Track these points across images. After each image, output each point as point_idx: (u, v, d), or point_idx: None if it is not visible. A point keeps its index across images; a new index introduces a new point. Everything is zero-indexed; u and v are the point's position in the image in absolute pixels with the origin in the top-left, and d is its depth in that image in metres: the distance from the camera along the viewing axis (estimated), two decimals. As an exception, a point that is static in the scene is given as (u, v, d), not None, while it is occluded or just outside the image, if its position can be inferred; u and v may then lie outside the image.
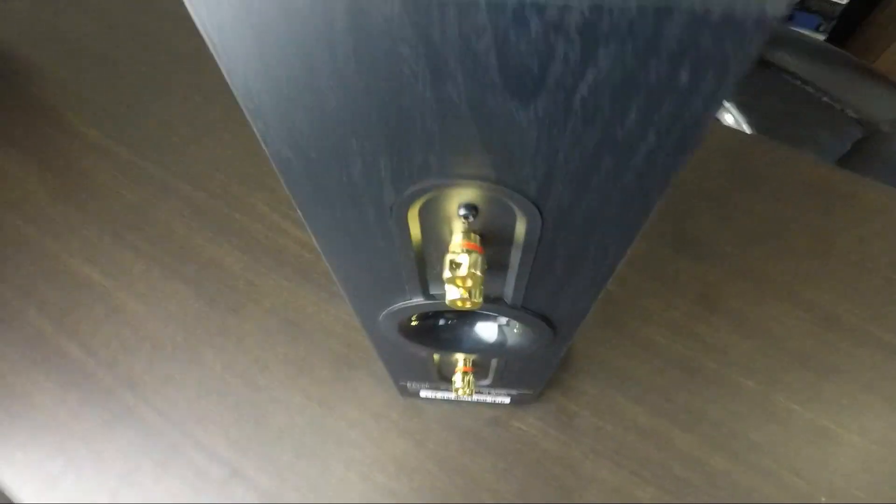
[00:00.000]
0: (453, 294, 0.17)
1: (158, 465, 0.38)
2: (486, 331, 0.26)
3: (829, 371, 0.41)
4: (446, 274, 0.16)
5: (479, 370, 0.32)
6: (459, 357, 0.29)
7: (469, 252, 0.16)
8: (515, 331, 0.25)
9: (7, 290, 0.46)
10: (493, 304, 0.21)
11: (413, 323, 0.24)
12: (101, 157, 0.54)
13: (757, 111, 0.87)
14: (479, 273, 0.16)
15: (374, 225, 0.16)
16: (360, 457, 0.38)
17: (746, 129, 0.67)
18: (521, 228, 0.16)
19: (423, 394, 0.38)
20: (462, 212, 0.16)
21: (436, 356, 0.30)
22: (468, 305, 0.17)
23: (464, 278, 0.16)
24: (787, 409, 0.39)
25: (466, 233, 0.16)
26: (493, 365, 0.31)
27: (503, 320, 0.25)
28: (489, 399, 0.38)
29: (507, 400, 0.38)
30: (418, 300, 0.21)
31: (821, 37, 1.14)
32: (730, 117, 0.67)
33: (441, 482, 0.37)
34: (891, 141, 0.82)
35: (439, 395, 0.38)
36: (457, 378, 0.28)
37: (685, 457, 0.38)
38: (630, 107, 0.11)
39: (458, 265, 0.16)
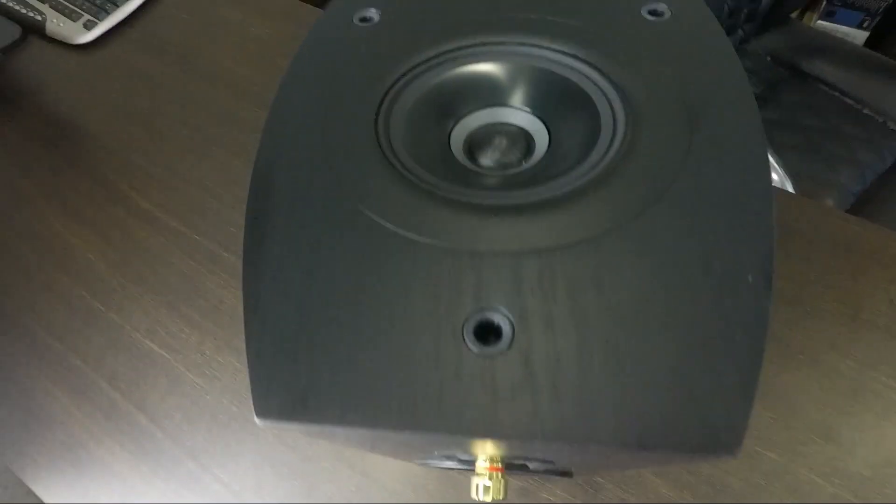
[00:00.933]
0: (485, 499, 0.19)
1: (224, 533, 0.43)
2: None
3: (854, 444, 0.42)
4: (474, 495, 0.19)
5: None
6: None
7: (492, 476, 0.18)
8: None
9: (82, 363, 0.51)
10: (515, 471, 0.23)
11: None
12: (152, 227, 0.58)
13: (793, 129, 0.85)
14: (502, 492, 0.18)
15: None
16: (401, 527, 0.42)
17: (790, 188, 0.66)
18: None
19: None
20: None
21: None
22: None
23: (488, 490, 0.19)
24: (810, 481, 0.41)
25: (492, 458, 0.19)
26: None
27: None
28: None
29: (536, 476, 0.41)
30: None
31: (864, 33, 1.08)
32: (775, 175, 0.66)
33: (476, 553, 0.41)
34: (936, 156, 0.79)
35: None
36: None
37: (706, 530, 0.40)
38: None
39: (487, 488, 0.18)
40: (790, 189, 0.67)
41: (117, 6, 0.75)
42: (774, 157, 0.68)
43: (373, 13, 0.23)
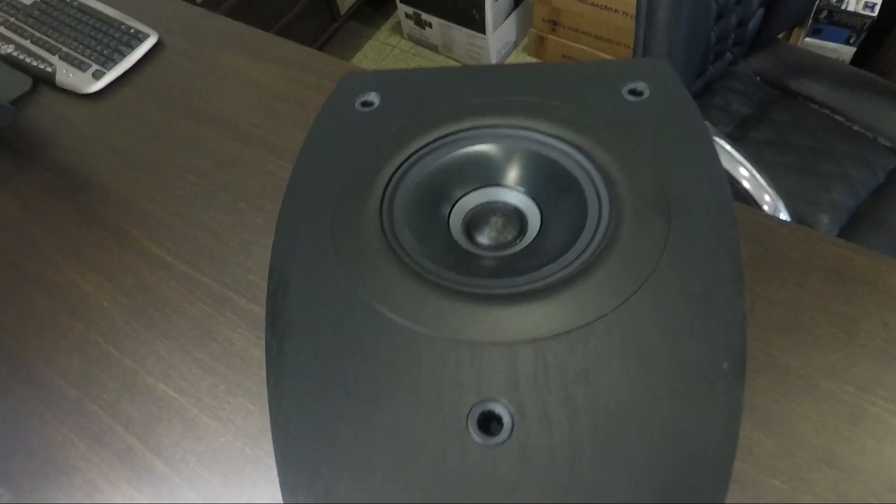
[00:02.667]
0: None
1: (241, 577, 0.44)
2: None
3: (856, 469, 0.42)
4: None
5: None
6: None
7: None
8: None
9: (97, 407, 0.53)
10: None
11: None
12: (163, 273, 0.60)
13: (785, 148, 0.86)
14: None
15: None
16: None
17: (783, 210, 0.67)
18: None
19: None
20: None
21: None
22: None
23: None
24: (813, 509, 0.42)
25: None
26: None
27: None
28: None
29: None
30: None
31: (851, 49, 1.10)
32: (767, 197, 0.67)
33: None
34: (927, 171, 0.80)
35: None
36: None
37: (715, 561, 0.40)
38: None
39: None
40: (783, 211, 0.68)
41: (124, 55, 0.77)
42: (767, 180, 0.69)
43: (373, 97, 0.24)
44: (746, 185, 0.73)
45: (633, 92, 0.23)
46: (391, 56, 2.09)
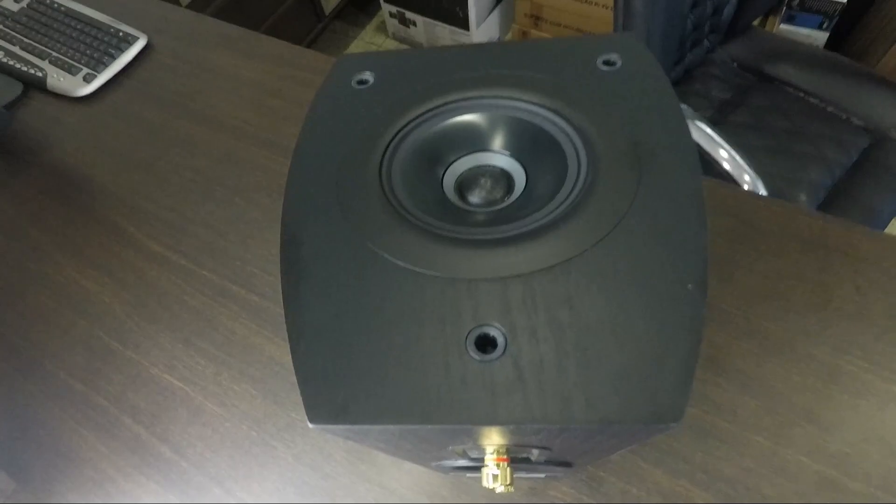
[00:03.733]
0: (495, 488, 0.22)
1: (252, 553, 0.45)
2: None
3: (833, 423, 0.45)
4: (486, 483, 0.22)
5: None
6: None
7: (499, 465, 0.22)
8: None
9: (105, 401, 0.54)
10: (521, 463, 0.26)
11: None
12: (163, 268, 0.61)
13: (763, 131, 0.89)
14: (509, 479, 0.22)
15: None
16: (419, 534, 0.44)
17: (762, 188, 0.70)
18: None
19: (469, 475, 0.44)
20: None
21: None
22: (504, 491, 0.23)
23: (497, 477, 0.22)
24: (795, 462, 0.44)
25: (497, 450, 0.22)
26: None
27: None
28: (525, 475, 0.44)
29: (542, 476, 0.44)
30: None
31: (824, 34, 1.14)
32: (747, 177, 0.70)
33: (491, 553, 0.43)
34: (898, 148, 0.83)
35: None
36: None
37: (704, 514, 0.43)
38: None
39: (496, 476, 0.22)
40: (762, 189, 0.71)
41: (114, 58, 0.78)
42: (746, 160, 0.72)
43: (368, 76, 0.26)
44: (726, 166, 0.75)
45: (606, 63, 0.25)
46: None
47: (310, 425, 0.15)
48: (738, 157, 0.73)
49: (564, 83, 0.24)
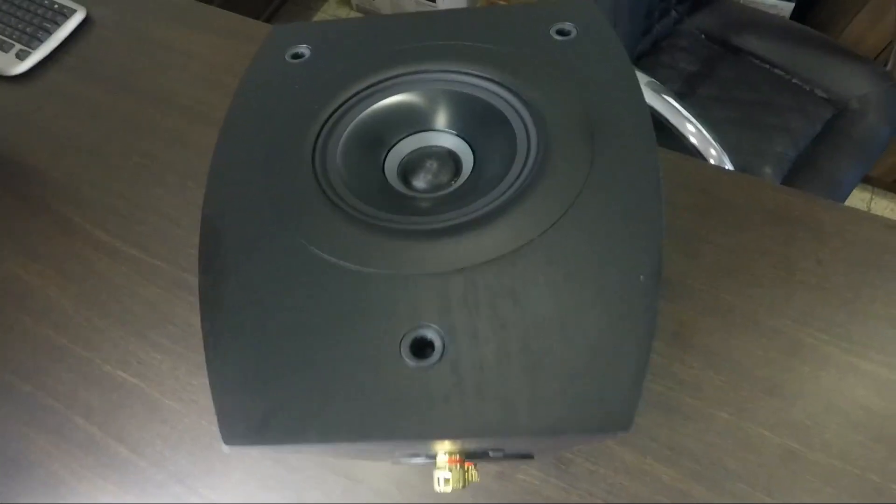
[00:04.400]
0: (445, 490, 0.21)
1: (216, 550, 0.44)
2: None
3: (795, 396, 0.45)
4: (437, 487, 0.21)
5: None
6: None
7: (451, 468, 0.21)
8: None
9: (54, 400, 0.51)
10: (478, 459, 0.25)
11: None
12: (112, 259, 0.58)
13: (730, 103, 0.89)
14: (462, 481, 0.20)
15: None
16: (388, 523, 0.44)
17: (728, 162, 0.70)
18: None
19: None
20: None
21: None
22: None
23: (448, 481, 0.21)
24: (758, 435, 0.45)
25: (450, 453, 0.21)
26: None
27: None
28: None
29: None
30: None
31: (790, 4, 1.14)
32: (713, 151, 0.69)
33: (461, 538, 0.43)
34: (860, 118, 0.84)
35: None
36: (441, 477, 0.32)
37: (671, 490, 0.43)
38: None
39: (447, 480, 0.20)
40: (728, 163, 0.71)
41: (50, 33, 0.73)
42: (712, 134, 0.72)
43: (304, 49, 0.24)
44: (693, 140, 0.75)
45: (560, 32, 0.23)
46: (342, 30, 2.03)
47: (224, 449, 0.14)
48: (704, 131, 0.73)
49: (515, 55, 0.22)
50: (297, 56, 0.24)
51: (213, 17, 0.75)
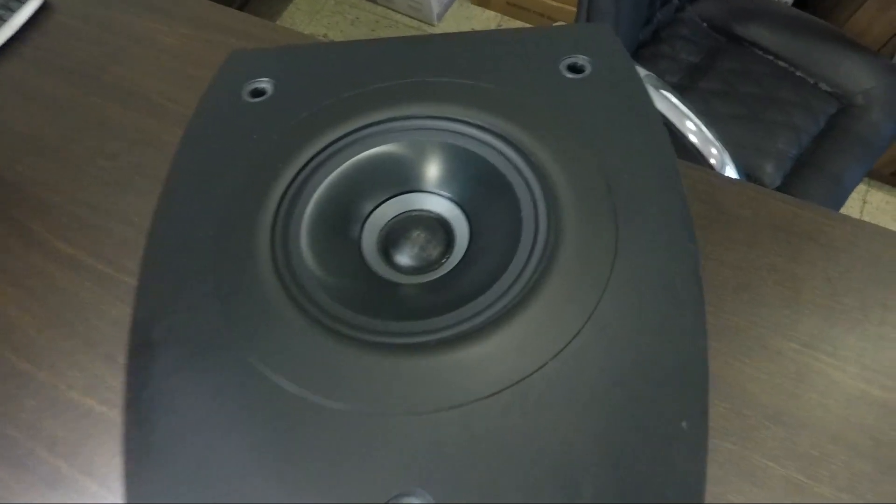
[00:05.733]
0: None
1: None
2: None
3: (800, 425, 0.43)
4: None
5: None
6: None
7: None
8: None
9: (15, 431, 0.48)
10: None
11: None
12: (77, 274, 0.54)
13: (733, 98, 0.86)
14: None
15: None
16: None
17: (731, 168, 0.67)
18: None
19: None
20: None
21: None
22: None
23: None
24: (762, 467, 0.43)
25: None
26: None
27: None
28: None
29: None
30: None
31: (793, -10, 1.09)
32: (713, 150, 0.66)
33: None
34: (864, 115, 0.82)
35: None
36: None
37: (671, 526, 0.41)
38: None
39: None
40: (729, 164, 0.68)
41: (4, 20, 0.67)
42: (714, 134, 0.68)
43: (265, 84, 0.20)
44: (693, 139, 0.72)
45: (572, 68, 0.20)
46: (326, 8, 1.95)
47: None
48: (706, 131, 0.69)
49: (520, 98, 0.18)
50: (257, 93, 0.20)
51: (181, 6, 0.70)
